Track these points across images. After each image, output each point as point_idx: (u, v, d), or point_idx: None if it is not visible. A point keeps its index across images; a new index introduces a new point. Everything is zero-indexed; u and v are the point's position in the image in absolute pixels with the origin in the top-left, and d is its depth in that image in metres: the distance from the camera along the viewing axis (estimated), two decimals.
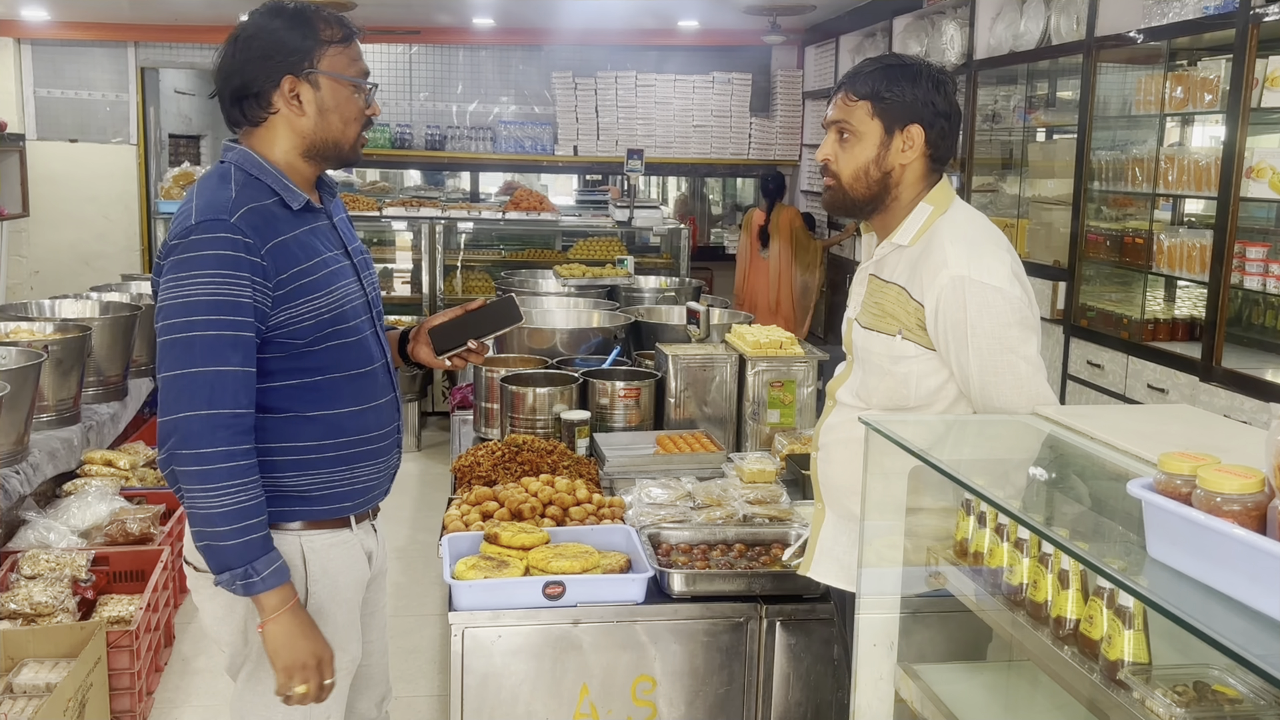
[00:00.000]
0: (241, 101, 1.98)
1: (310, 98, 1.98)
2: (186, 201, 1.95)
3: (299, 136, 2.01)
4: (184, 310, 1.86)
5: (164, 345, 1.88)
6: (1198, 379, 4.22)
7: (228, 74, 1.98)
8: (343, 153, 2.06)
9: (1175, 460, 1.33)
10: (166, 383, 1.88)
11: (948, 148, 2.15)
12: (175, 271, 1.88)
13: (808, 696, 2.67)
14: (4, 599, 3.28)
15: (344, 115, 2.02)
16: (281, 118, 1.99)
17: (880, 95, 2.09)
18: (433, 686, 3.75)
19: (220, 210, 1.90)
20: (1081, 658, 1.55)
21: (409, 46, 8.97)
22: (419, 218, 7.33)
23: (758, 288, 7.58)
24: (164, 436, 1.88)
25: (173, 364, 1.87)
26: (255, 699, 2.08)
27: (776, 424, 3.68)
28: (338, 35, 2.00)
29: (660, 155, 8.73)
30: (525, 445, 3.39)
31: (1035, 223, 5.61)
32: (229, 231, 1.88)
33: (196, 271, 1.86)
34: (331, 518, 2.07)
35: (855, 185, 2.13)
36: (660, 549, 2.80)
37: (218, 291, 1.86)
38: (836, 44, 8.17)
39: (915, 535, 2.04)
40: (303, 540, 2.04)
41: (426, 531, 5.24)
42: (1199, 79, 4.33)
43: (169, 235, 1.92)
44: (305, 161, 2.04)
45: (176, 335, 1.86)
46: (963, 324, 2.01)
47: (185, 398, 1.85)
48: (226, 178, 1.97)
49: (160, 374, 1.89)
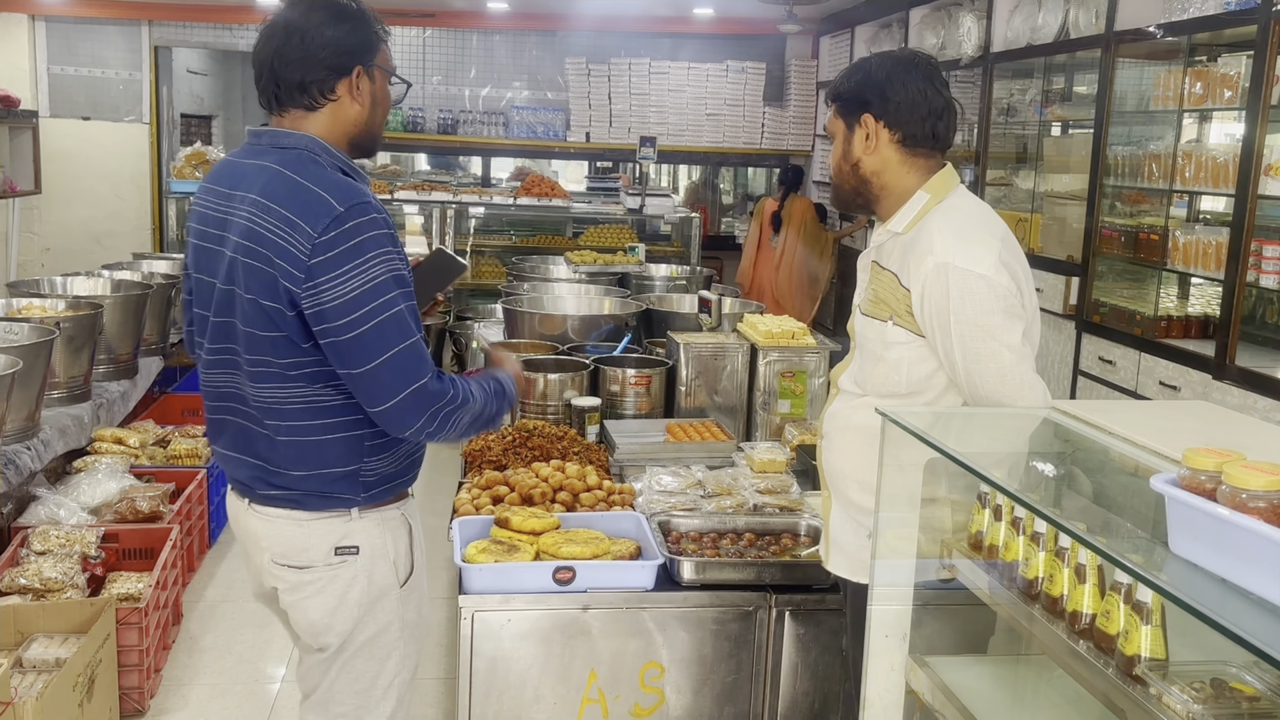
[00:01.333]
0: (305, 87, 1.99)
1: (367, 89, 2.05)
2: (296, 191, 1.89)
3: (349, 124, 2.05)
4: (375, 294, 1.87)
5: (368, 332, 1.86)
6: (1210, 376, 4.20)
7: (290, 61, 1.98)
8: (375, 142, 2.13)
9: (1200, 456, 1.32)
10: (383, 366, 1.87)
11: (917, 128, 2.14)
12: (350, 261, 1.85)
13: (815, 686, 2.67)
14: (14, 574, 3.29)
15: (385, 108, 2.11)
16: (338, 106, 2.02)
17: (838, 94, 2.23)
18: (440, 669, 3.75)
19: (359, 194, 1.92)
20: (1097, 652, 1.55)
21: (423, 30, 8.94)
22: (430, 202, 7.32)
23: (763, 274, 7.58)
24: (407, 410, 1.90)
25: (386, 345, 1.87)
26: (347, 686, 2.11)
27: (787, 414, 3.67)
28: (385, 32, 2.09)
29: (672, 143, 8.71)
30: (536, 431, 3.39)
31: (1049, 217, 5.58)
32: (377, 211, 1.92)
33: (371, 254, 1.87)
34: (409, 486, 2.18)
35: (841, 183, 2.28)
36: (670, 536, 2.79)
37: (393, 268, 1.90)
38: (852, 34, 8.14)
39: (928, 527, 2.04)
40: (403, 510, 2.13)
41: (436, 515, 5.23)
42: (1219, 75, 4.31)
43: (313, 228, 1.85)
44: (348, 148, 2.07)
45: (382, 317, 1.87)
46: (945, 310, 2.03)
47: (413, 368, 1.89)
48: (316, 163, 1.97)
49: (370, 361, 1.87)
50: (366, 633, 2.09)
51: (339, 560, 2.04)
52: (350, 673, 2.10)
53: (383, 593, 2.08)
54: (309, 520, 2.03)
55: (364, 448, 2.01)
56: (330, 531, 2.03)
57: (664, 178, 10.76)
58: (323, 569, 2.04)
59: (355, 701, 2.12)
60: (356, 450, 2.01)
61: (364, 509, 2.05)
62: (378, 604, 2.08)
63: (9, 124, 7.59)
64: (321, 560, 2.03)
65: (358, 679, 2.11)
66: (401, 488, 2.13)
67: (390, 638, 2.11)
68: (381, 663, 2.12)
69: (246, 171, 1.99)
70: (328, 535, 2.03)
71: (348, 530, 2.04)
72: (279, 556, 2.06)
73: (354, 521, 2.04)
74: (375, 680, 2.12)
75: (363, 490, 2.04)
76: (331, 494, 2.02)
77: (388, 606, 2.09)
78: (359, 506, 2.04)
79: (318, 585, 2.04)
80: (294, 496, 2.02)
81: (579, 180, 9.65)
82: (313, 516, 2.02)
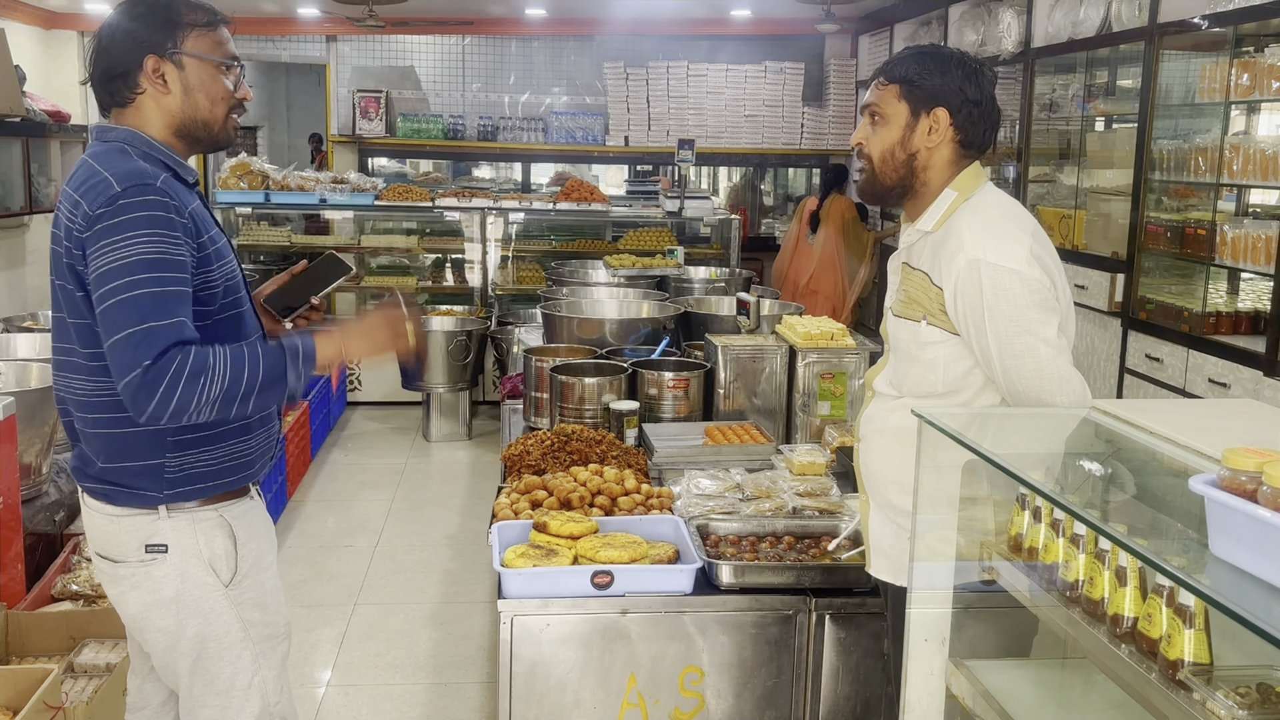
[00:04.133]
0: (110, 82, 2.04)
1: (175, 77, 2.05)
2: (89, 176, 1.94)
3: (168, 115, 2.07)
4: (125, 271, 1.86)
5: (111, 308, 1.86)
6: (1261, 373, 4.11)
7: (97, 55, 2.05)
8: (212, 133, 2.12)
9: (1240, 456, 1.30)
10: (119, 343, 1.85)
11: (978, 135, 2.15)
12: (109, 236, 1.88)
13: (857, 690, 2.65)
14: (67, 580, 3.35)
15: (210, 95, 2.09)
16: (149, 97, 2.05)
17: (909, 79, 2.14)
18: (482, 673, 3.78)
19: (142, 176, 1.93)
20: (1139, 656, 1.52)
21: (462, 38, 9.02)
22: (470, 208, 7.37)
23: (799, 271, 7.55)
24: (139, 390, 1.85)
25: (121, 324, 1.86)
26: (206, 688, 2.12)
27: (827, 416, 3.65)
28: (201, 19, 2.08)
29: (711, 145, 8.70)
30: (574, 435, 3.39)
31: (1093, 213, 5.50)
32: (158, 195, 1.92)
33: (132, 233, 1.88)
34: (238, 488, 2.14)
35: (884, 167, 2.18)
36: (709, 540, 2.79)
37: (152, 250, 1.89)
38: (891, 32, 8.08)
39: (968, 530, 2.02)
40: (222, 512, 2.11)
41: (476, 519, 5.28)
42: (1266, 66, 4.22)
43: (90, 206, 1.90)
44: (178, 141, 2.09)
45: (121, 296, 1.86)
46: (979, 307, 2.01)
47: (141, 350, 1.85)
48: (124, 152, 2.00)
49: (111, 337, 1.86)
50: (202, 634, 2.09)
51: (150, 558, 2.05)
52: (205, 675, 2.12)
53: (204, 593, 2.08)
54: (120, 516, 2.05)
55: (166, 443, 2.01)
56: (138, 529, 2.04)
57: (704, 180, 10.75)
58: (135, 565, 2.06)
59: (218, 703, 2.13)
60: (158, 445, 2.01)
61: (171, 507, 2.04)
62: (200, 604, 2.08)
63: (59, 138, 7.76)
64: (133, 556, 2.05)
65: (214, 680, 2.12)
66: (219, 490, 2.10)
67: (233, 638, 2.12)
68: (234, 663, 2.13)
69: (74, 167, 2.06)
70: (135, 532, 2.04)
71: (155, 529, 2.04)
72: (98, 548, 2.10)
73: (162, 520, 2.04)
74: (233, 681, 2.13)
75: (166, 487, 2.03)
76: (134, 489, 2.02)
77: (216, 606, 2.09)
78: (165, 504, 2.04)
79: (131, 581, 2.07)
80: (104, 490, 2.05)
81: (618, 184, 9.66)
82: (122, 512, 2.04)
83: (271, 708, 2.19)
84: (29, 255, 8.07)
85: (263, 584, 2.18)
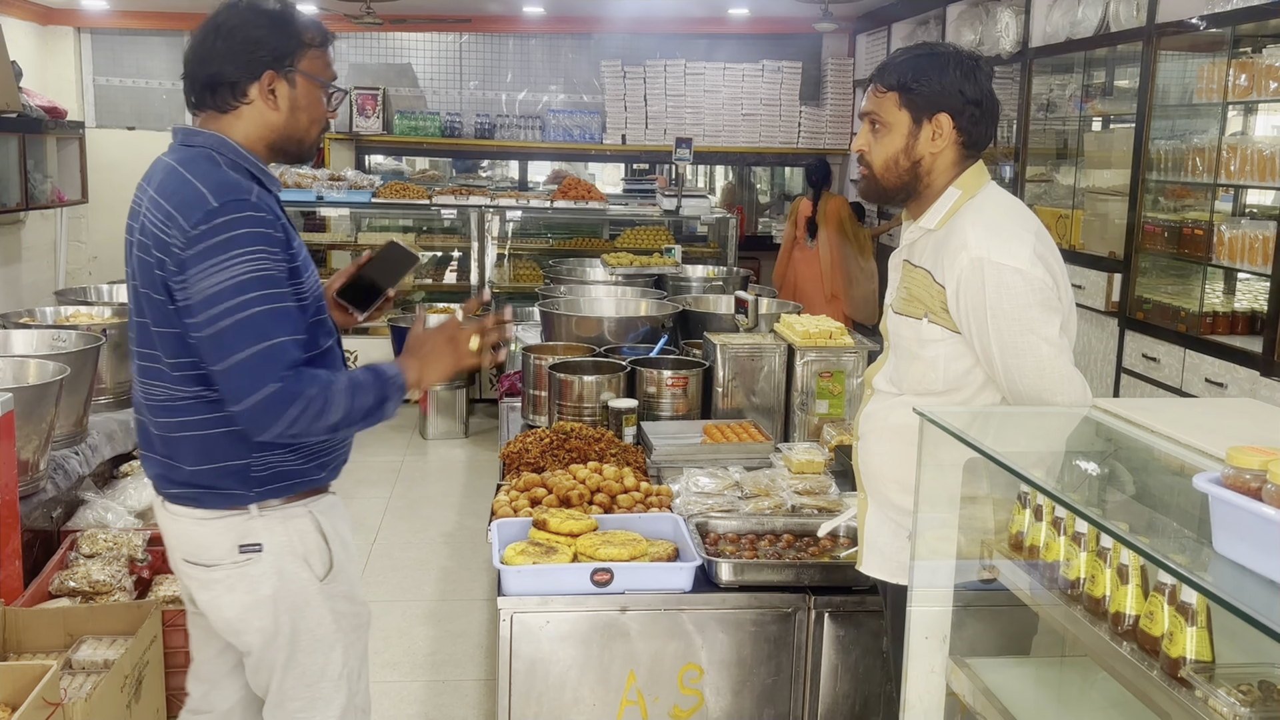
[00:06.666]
0: (217, 88, 2.02)
1: (285, 94, 2.04)
2: (181, 186, 1.92)
3: (267, 129, 2.05)
4: (236, 291, 1.86)
5: (225, 329, 1.87)
6: (1258, 373, 4.13)
7: (205, 59, 2.01)
8: (302, 150, 2.12)
9: (1245, 454, 1.30)
10: (241, 365, 1.86)
11: (980, 134, 2.14)
12: (214, 256, 1.86)
13: (856, 688, 2.66)
14: (64, 577, 3.34)
15: (311, 115, 2.09)
16: (255, 109, 2.03)
17: (907, 86, 2.12)
18: (480, 671, 3.77)
19: (237, 189, 1.92)
20: (1141, 654, 1.53)
21: (459, 35, 9.01)
22: (467, 206, 7.36)
23: (807, 278, 7.51)
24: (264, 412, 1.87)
25: (240, 344, 1.86)
26: (297, 680, 2.12)
27: (825, 414, 3.65)
28: (317, 39, 2.07)
29: (709, 144, 8.70)
30: (573, 433, 3.39)
31: (1090, 213, 5.51)
32: (254, 209, 1.91)
33: (238, 251, 1.87)
34: (322, 485, 2.15)
35: (886, 175, 2.17)
36: (708, 538, 2.79)
37: (260, 268, 1.88)
38: (889, 32, 8.08)
39: (968, 528, 2.02)
40: (309, 508, 2.11)
41: (475, 517, 5.28)
42: (1264, 66, 4.23)
43: (187, 223, 1.88)
44: (268, 153, 2.08)
45: (237, 317, 1.86)
46: (982, 306, 2.01)
47: (266, 371, 1.86)
48: (212, 160, 1.98)
49: (225, 359, 1.87)
50: (297, 628, 2.09)
51: (244, 558, 2.04)
52: (297, 669, 2.12)
53: (300, 588, 2.08)
54: (210, 518, 2.03)
55: (251, 442, 1.99)
56: (230, 529, 2.03)
57: (700, 179, 10.76)
58: (229, 567, 2.04)
59: (308, 695, 2.13)
60: (244, 445, 2.00)
61: (262, 506, 2.04)
62: (297, 599, 2.08)
63: (56, 135, 7.74)
64: (227, 558, 2.04)
65: (305, 673, 2.12)
66: (306, 486, 2.10)
67: (326, 630, 2.13)
68: (326, 655, 2.13)
69: (156, 168, 2.03)
70: (228, 533, 2.03)
71: (248, 528, 2.04)
72: (187, 555, 2.08)
73: (254, 519, 2.04)
74: (324, 672, 2.13)
75: (255, 485, 2.03)
76: (223, 490, 2.02)
77: (311, 600, 2.10)
78: (255, 503, 2.04)
79: (226, 583, 2.05)
80: (192, 494, 2.03)
81: (615, 183, 9.66)
82: (212, 514, 2.03)
83: (355, 698, 2.19)
84: (25, 252, 8.05)
85: (350, 576, 2.19)
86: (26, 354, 3.75)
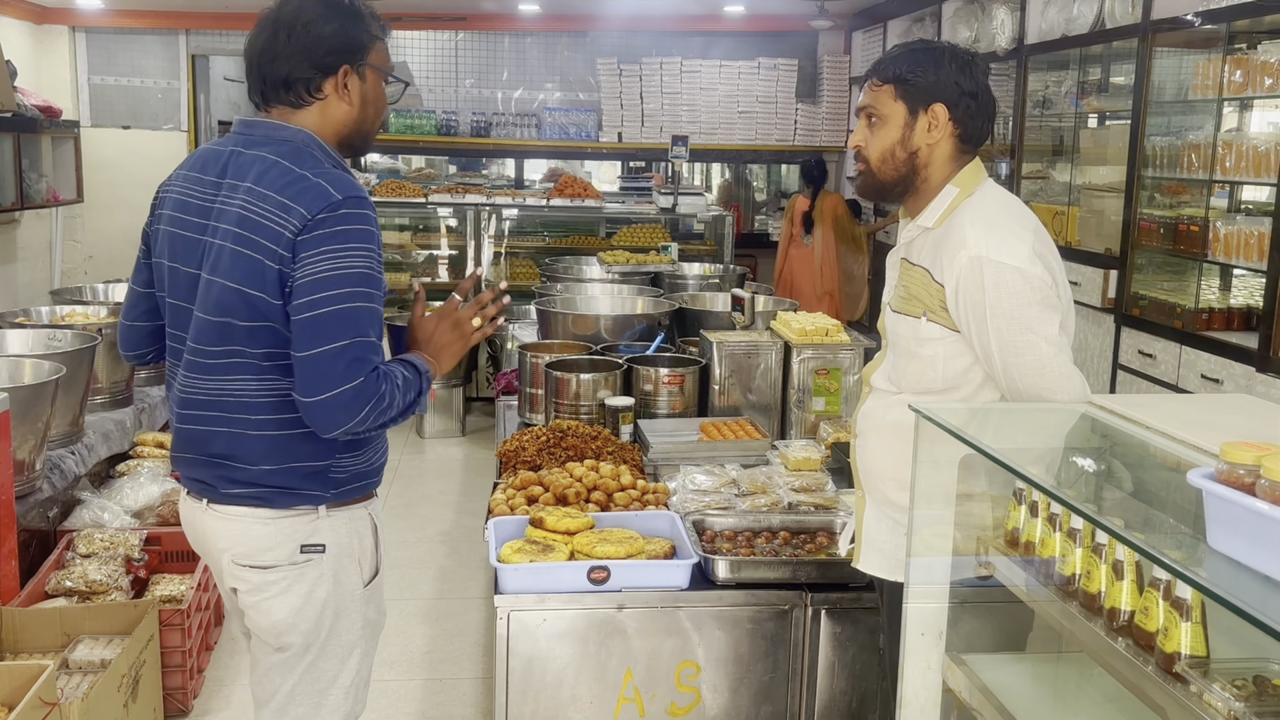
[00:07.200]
0: (292, 84, 1.99)
1: (356, 88, 2.04)
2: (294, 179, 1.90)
3: (338, 123, 2.05)
4: (343, 281, 1.87)
5: (322, 317, 1.85)
6: (1254, 369, 4.13)
7: (275, 57, 1.99)
8: (366, 143, 2.13)
9: (1238, 450, 1.31)
10: (329, 355, 1.85)
11: (977, 127, 2.14)
12: (331, 244, 1.86)
13: (852, 685, 2.66)
14: (60, 577, 3.34)
15: (377, 107, 2.10)
16: (329, 104, 2.02)
17: (903, 77, 2.12)
18: (477, 669, 3.77)
19: (356, 187, 1.93)
20: (1136, 650, 1.53)
21: (455, 33, 8.99)
22: (464, 204, 7.35)
23: (802, 275, 7.52)
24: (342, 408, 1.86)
25: (336, 335, 1.85)
26: (309, 685, 2.09)
27: (822, 411, 3.66)
28: (383, 31, 2.08)
29: (705, 142, 8.69)
30: (570, 431, 3.39)
31: (1086, 210, 5.52)
32: (370, 209, 1.93)
33: (355, 244, 1.88)
34: (377, 487, 2.16)
35: (883, 168, 2.17)
36: (704, 536, 2.79)
37: (369, 265, 1.90)
38: (884, 29, 8.09)
39: (964, 524, 2.02)
40: (369, 509, 2.12)
41: (471, 515, 5.28)
42: (1259, 63, 4.23)
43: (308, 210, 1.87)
44: (336, 146, 2.07)
45: (337, 307, 1.86)
46: (981, 304, 2.01)
47: (355, 367, 1.86)
48: (312, 156, 1.97)
49: (316, 346, 1.85)
50: (333, 630, 2.07)
51: (304, 559, 2.01)
52: (313, 673, 2.08)
53: (348, 593, 2.07)
54: (275, 518, 2.00)
55: (338, 444, 1.99)
56: (297, 529, 2.01)
57: (697, 176, 10.76)
58: (287, 568, 2.01)
59: (314, 701, 2.09)
60: (329, 447, 1.99)
61: (332, 506, 2.03)
62: (343, 602, 2.06)
63: (51, 134, 7.72)
64: (286, 559, 2.01)
65: (318, 678, 2.08)
66: (371, 487, 2.12)
67: (353, 636, 2.10)
68: (343, 661, 2.10)
69: (241, 161, 1.97)
70: (294, 533, 2.01)
71: (315, 528, 2.02)
72: (240, 557, 2.02)
73: (321, 519, 2.02)
74: (336, 679, 2.10)
75: (332, 487, 2.02)
76: (300, 490, 2.00)
77: (352, 607, 2.08)
78: (327, 504, 2.03)
79: (282, 585, 2.02)
80: (260, 493, 1.99)
81: (612, 180, 9.66)
82: (279, 514, 2.00)
83: (356, 706, 2.16)
84: (20, 251, 8.04)
85: (383, 582, 2.18)
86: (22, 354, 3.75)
